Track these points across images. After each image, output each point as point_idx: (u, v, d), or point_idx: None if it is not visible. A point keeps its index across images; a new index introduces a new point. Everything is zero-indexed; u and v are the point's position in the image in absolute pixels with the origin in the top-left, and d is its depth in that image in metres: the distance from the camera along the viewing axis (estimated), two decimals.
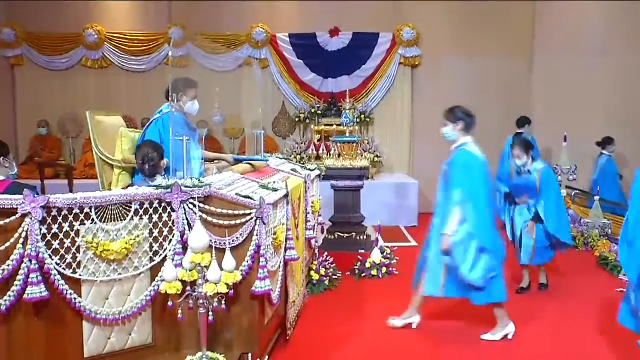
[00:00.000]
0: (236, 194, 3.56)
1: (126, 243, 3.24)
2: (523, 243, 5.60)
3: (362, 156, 7.68)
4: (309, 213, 5.35)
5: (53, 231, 3.03)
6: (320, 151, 9.90)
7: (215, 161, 5.25)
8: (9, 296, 2.96)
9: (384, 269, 6.29)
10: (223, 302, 3.24)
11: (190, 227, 3.41)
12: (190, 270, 3.21)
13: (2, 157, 3.63)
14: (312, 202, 5.66)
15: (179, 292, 3.18)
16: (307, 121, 10.67)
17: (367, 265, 6.28)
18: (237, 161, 5.21)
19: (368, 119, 10.66)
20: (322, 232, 7.25)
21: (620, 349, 4.27)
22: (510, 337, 4.51)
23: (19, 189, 3.10)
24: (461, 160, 4.47)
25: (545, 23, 10.34)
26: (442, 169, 4.67)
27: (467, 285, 4.34)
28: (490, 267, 4.31)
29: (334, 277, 5.99)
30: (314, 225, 5.79)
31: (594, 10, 10.12)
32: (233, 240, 3.44)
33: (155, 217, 3.40)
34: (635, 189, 3.40)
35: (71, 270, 3.10)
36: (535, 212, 5.48)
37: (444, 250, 4.32)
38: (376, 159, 10.00)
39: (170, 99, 4.32)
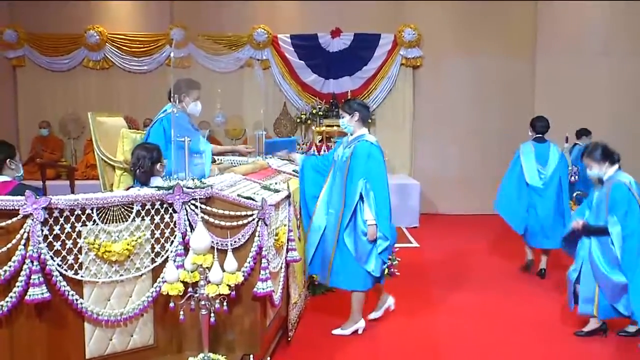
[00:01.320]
0: (238, 195, 3.56)
1: (128, 244, 3.24)
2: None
3: None
4: None
5: (55, 232, 3.03)
6: (322, 152, 9.89)
7: (222, 158, 5.27)
8: (11, 297, 2.95)
9: (385, 270, 6.25)
10: (225, 303, 3.24)
11: (192, 228, 3.41)
12: (192, 272, 3.20)
13: (8, 160, 3.63)
14: None
15: (180, 293, 3.18)
16: (309, 122, 10.67)
17: None
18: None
19: (369, 120, 10.63)
20: None
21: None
22: (360, 332, 4.66)
23: (24, 191, 3.10)
24: (364, 151, 4.47)
25: (547, 23, 10.33)
26: (339, 159, 4.62)
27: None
28: (386, 258, 4.56)
29: None
30: None
31: (596, 10, 10.13)
32: (235, 241, 3.44)
33: (157, 218, 3.39)
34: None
35: (73, 272, 3.10)
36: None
37: (372, 240, 4.44)
38: None
39: (172, 99, 4.31)
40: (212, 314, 3.25)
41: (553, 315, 5.07)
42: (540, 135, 6.45)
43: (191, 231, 3.39)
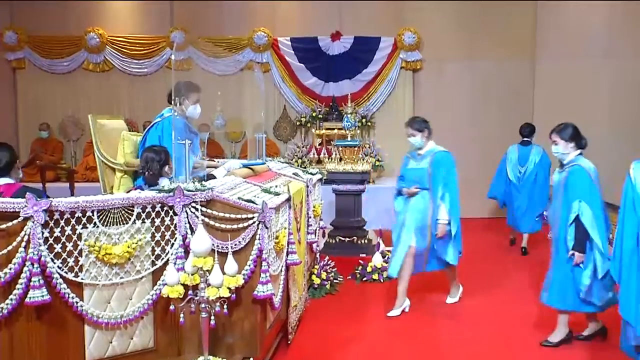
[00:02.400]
0: (238, 198, 3.56)
1: (128, 247, 3.24)
2: None
3: (363, 160, 7.68)
4: (310, 217, 5.35)
5: (55, 234, 3.03)
6: (322, 155, 9.89)
7: (219, 160, 5.28)
8: (11, 300, 2.95)
9: (385, 273, 6.27)
10: (225, 306, 3.24)
11: (192, 231, 3.41)
12: (192, 274, 3.20)
13: (17, 161, 3.65)
14: (314, 206, 5.66)
15: (180, 296, 3.18)
16: (309, 125, 10.66)
17: (368, 269, 6.28)
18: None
19: (369, 123, 10.65)
20: (324, 236, 7.25)
21: None
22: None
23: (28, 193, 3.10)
24: (445, 160, 5.25)
25: (547, 26, 10.34)
26: (421, 169, 5.28)
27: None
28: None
29: (335, 281, 5.98)
30: (316, 229, 5.79)
31: (596, 13, 10.13)
32: (235, 244, 3.44)
33: (158, 221, 3.40)
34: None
35: (73, 274, 3.10)
36: None
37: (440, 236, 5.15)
38: (377, 163, 9.99)
39: (172, 102, 4.32)
40: (212, 317, 3.25)
41: (553, 318, 5.06)
42: (526, 139, 7.70)
43: (191, 234, 3.40)
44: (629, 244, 3.27)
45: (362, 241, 7.50)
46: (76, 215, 3.08)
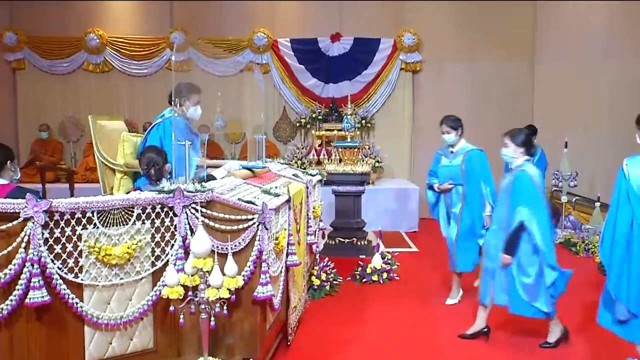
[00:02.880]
0: (238, 199, 3.56)
1: (128, 247, 3.25)
2: None
3: (363, 161, 7.68)
4: (310, 218, 5.35)
5: (55, 235, 3.04)
6: (321, 156, 9.90)
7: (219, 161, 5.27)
8: (11, 300, 2.96)
9: (385, 275, 6.28)
10: (225, 307, 3.24)
11: (192, 232, 3.42)
12: (192, 275, 3.21)
13: (9, 162, 3.63)
14: (313, 207, 5.66)
15: (180, 297, 3.18)
16: (308, 126, 10.67)
17: (368, 270, 6.27)
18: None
19: (369, 124, 10.67)
20: (323, 237, 7.25)
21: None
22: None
23: (22, 194, 3.10)
24: (478, 158, 5.44)
25: (546, 27, 10.35)
26: (449, 166, 5.50)
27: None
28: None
29: (334, 282, 5.98)
30: (315, 231, 5.80)
31: (595, 14, 10.13)
32: (235, 245, 3.44)
33: (158, 222, 3.40)
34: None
35: (73, 275, 3.10)
36: None
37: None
38: (377, 164, 10.00)
39: (172, 103, 4.32)
40: (212, 318, 3.26)
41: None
42: None
43: (191, 235, 3.40)
44: (623, 229, 3.50)
45: (362, 242, 7.50)
46: (76, 216, 3.08)
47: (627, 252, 3.51)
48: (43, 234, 2.98)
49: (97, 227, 3.17)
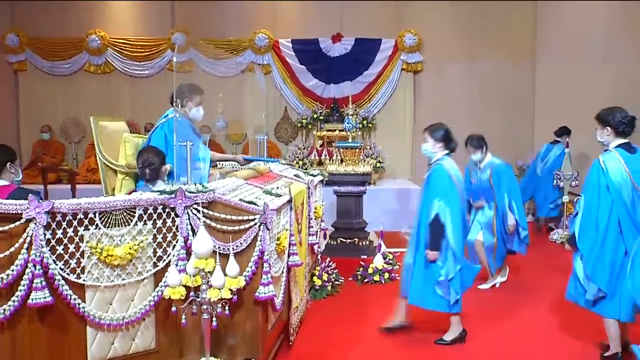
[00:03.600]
0: (240, 200, 3.57)
1: (130, 248, 3.25)
2: None
3: (364, 162, 7.68)
4: (311, 218, 5.36)
5: (57, 236, 3.04)
6: (323, 157, 9.90)
7: (223, 163, 5.26)
8: (13, 301, 2.96)
9: (387, 275, 6.28)
10: (226, 307, 3.24)
11: (194, 233, 3.42)
12: (194, 276, 3.21)
13: (8, 163, 3.62)
14: (315, 208, 5.66)
15: (182, 298, 3.18)
16: (310, 127, 10.68)
17: (370, 270, 6.27)
18: (248, 161, 5.23)
19: (370, 125, 10.67)
20: (325, 238, 7.25)
21: None
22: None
23: (23, 195, 3.10)
24: (503, 170, 6.08)
25: (547, 29, 10.36)
26: (484, 181, 6.04)
27: None
28: None
29: (336, 282, 5.98)
30: (317, 231, 5.80)
31: (596, 17, 10.14)
32: (237, 246, 3.44)
33: (159, 223, 3.40)
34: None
35: (75, 276, 3.11)
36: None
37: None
38: (378, 164, 10.00)
39: (174, 104, 4.32)
40: (214, 318, 3.26)
41: (552, 321, 5.07)
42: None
43: (193, 235, 3.40)
44: (604, 218, 3.89)
45: (363, 243, 7.50)
46: (78, 217, 3.09)
47: (603, 238, 3.89)
48: (45, 234, 2.98)
49: (99, 228, 3.17)
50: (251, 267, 3.49)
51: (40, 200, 2.97)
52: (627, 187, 3.92)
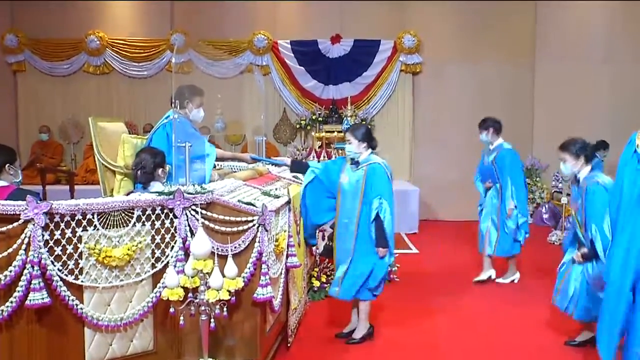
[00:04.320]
0: (238, 201, 3.57)
1: (128, 249, 3.25)
2: None
3: None
4: None
5: (55, 237, 3.04)
6: (322, 158, 9.90)
7: (222, 163, 5.26)
8: (11, 302, 2.96)
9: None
10: (225, 308, 3.24)
11: (192, 234, 3.42)
12: (192, 277, 3.21)
13: (7, 164, 3.61)
14: None
15: (180, 299, 3.18)
16: (308, 128, 10.67)
17: None
18: (255, 160, 5.23)
19: (369, 126, 10.66)
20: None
21: None
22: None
23: (22, 196, 3.10)
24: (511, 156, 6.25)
25: (546, 30, 10.36)
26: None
27: None
28: None
29: None
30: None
31: (596, 17, 10.16)
32: (235, 247, 3.45)
33: (158, 224, 3.40)
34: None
35: (73, 277, 3.11)
36: None
37: None
38: None
39: (173, 105, 4.32)
40: (212, 320, 3.26)
41: (552, 321, 5.07)
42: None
43: (191, 236, 3.40)
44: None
45: None
46: (76, 217, 3.09)
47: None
48: (43, 235, 2.98)
49: (97, 229, 3.17)
50: (249, 269, 3.49)
51: (39, 201, 2.97)
52: None
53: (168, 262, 3.42)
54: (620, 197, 3.15)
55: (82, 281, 3.14)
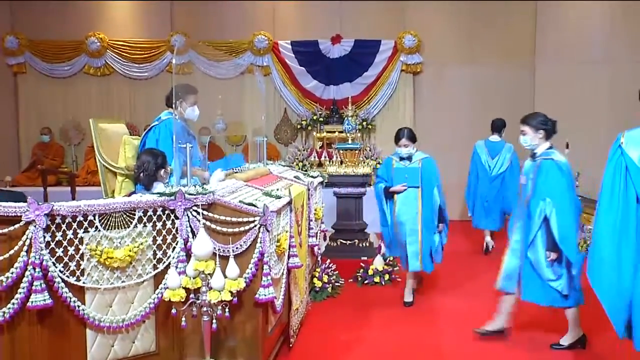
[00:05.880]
0: (240, 202, 3.56)
1: (130, 250, 3.25)
2: None
3: (364, 163, 7.68)
4: (311, 220, 5.35)
5: (57, 239, 3.04)
6: (323, 158, 9.90)
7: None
8: (13, 304, 2.96)
9: (387, 276, 6.28)
10: (226, 309, 3.24)
11: (193, 235, 3.42)
12: (194, 278, 3.21)
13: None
14: (315, 209, 5.66)
15: (182, 300, 3.18)
16: (309, 128, 10.67)
17: (370, 272, 6.27)
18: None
19: (370, 126, 10.67)
20: (325, 239, 7.25)
21: None
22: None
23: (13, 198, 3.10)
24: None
25: (547, 29, 10.35)
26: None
27: None
28: None
29: (336, 284, 5.98)
30: (317, 232, 5.79)
31: (596, 18, 10.14)
32: (237, 248, 3.44)
33: (159, 225, 3.40)
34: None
35: (75, 278, 3.10)
36: None
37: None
38: (378, 165, 9.97)
39: (171, 105, 4.33)
40: (214, 321, 3.26)
41: (553, 320, 5.06)
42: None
43: (193, 237, 3.40)
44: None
45: (364, 244, 7.49)
46: (78, 219, 3.09)
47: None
48: (45, 237, 2.98)
49: (99, 230, 3.17)
50: (251, 269, 3.49)
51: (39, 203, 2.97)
52: None
53: (170, 263, 3.42)
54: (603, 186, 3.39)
55: (83, 282, 3.14)
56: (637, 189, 3.19)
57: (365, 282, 6.23)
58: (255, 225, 3.49)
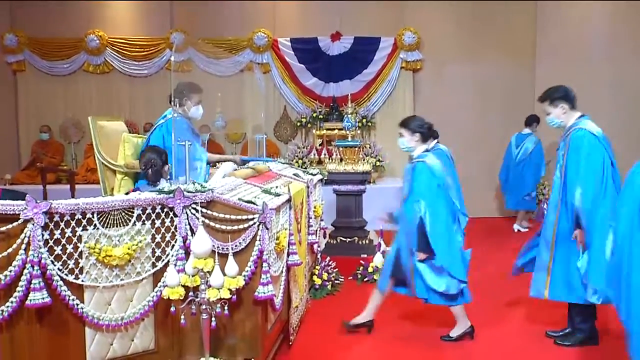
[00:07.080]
0: (239, 199, 3.56)
1: (128, 248, 3.24)
2: None
3: (364, 160, 7.66)
4: (311, 217, 5.34)
5: (55, 237, 3.02)
6: (322, 155, 9.89)
7: (220, 163, 5.26)
8: (11, 302, 2.94)
9: None
10: (226, 307, 3.23)
11: (192, 232, 3.41)
12: (193, 276, 3.20)
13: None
14: (314, 207, 5.65)
15: (181, 298, 3.18)
16: (309, 125, 10.66)
17: (370, 269, 6.27)
18: (244, 161, 5.22)
19: (370, 123, 10.65)
20: (324, 237, 7.24)
21: None
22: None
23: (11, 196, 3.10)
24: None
25: (547, 28, 10.34)
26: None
27: None
28: None
29: (336, 281, 5.98)
30: (316, 230, 5.79)
31: (597, 15, 10.13)
32: (236, 245, 3.43)
33: (158, 223, 3.39)
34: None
35: (73, 276, 3.09)
36: None
37: None
38: (378, 163, 9.99)
39: (173, 103, 4.32)
40: (213, 318, 3.25)
41: (554, 318, 5.06)
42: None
43: (192, 235, 3.39)
44: None
45: (363, 242, 7.48)
46: (76, 217, 3.07)
47: None
48: (43, 235, 2.97)
49: (98, 228, 3.16)
50: (250, 267, 3.48)
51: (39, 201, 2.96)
52: None
53: (168, 261, 3.41)
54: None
55: (82, 280, 3.13)
56: None
57: (365, 279, 6.23)
58: (254, 223, 3.48)
